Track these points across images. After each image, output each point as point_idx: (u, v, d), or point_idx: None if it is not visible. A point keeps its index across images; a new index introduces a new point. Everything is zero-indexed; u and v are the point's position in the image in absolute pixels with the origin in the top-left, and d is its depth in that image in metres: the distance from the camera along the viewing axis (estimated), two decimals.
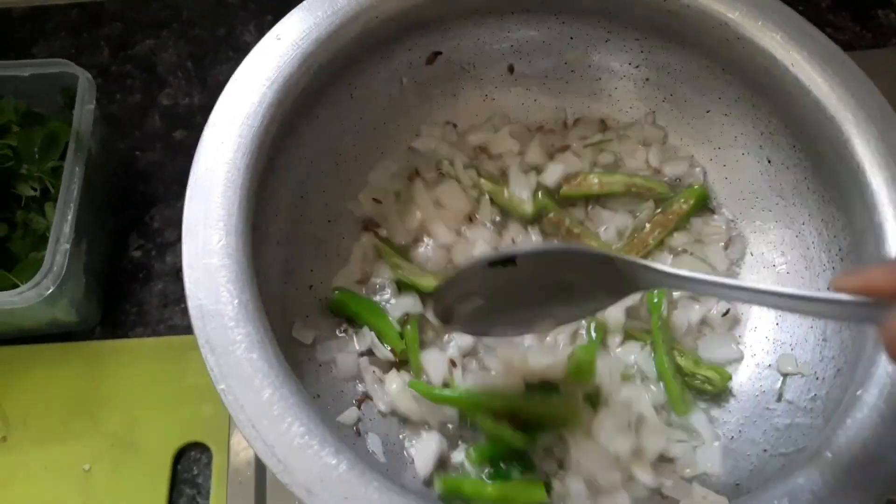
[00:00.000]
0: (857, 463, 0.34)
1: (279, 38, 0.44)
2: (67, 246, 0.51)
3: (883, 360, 0.36)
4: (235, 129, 0.41)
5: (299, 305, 0.48)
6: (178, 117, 0.71)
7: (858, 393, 0.36)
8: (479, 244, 0.52)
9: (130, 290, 0.62)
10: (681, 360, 0.48)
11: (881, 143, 0.42)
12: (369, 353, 0.50)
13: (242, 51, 0.73)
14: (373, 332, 0.49)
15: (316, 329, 0.49)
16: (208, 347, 0.35)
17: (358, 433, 0.45)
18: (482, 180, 0.54)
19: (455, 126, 0.56)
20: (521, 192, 0.53)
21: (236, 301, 0.36)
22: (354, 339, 0.50)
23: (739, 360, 0.49)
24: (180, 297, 0.61)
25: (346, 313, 0.50)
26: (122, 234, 0.64)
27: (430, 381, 0.48)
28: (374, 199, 0.54)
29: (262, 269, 0.42)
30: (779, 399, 0.45)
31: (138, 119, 0.71)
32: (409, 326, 0.49)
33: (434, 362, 0.48)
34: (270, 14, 0.75)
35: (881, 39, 0.76)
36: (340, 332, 0.50)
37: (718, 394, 0.48)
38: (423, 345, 0.49)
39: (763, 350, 0.49)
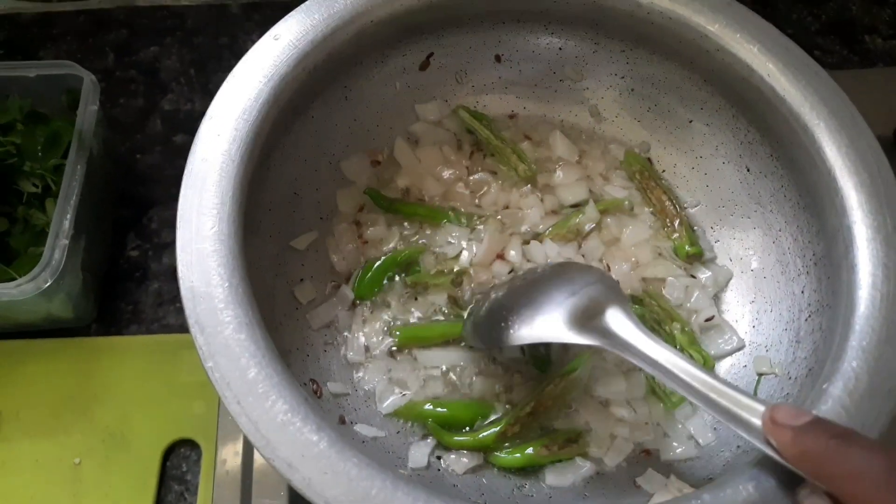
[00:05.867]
0: None
1: (277, 38, 0.45)
2: (66, 241, 0.52)
3: (849, 356, 0.37)
4: (232, 122, 0.42)
5: (288, 300, 0.49)
6: (178, 122, 0.73)
7: (825, 386, 0.37)
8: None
9: (126, 288, 0.63)
10: (678, 335, 0.50)
11: (851, 149, 0.43)
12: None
13: None
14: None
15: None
16: (198, 327, 0.36)
17: (342, 421, 0.46)
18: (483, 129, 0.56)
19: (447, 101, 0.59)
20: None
21: (226, 284, 0.37)
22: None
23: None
24: (175, 297, 0.62)
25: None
26: (120, 233, 0.65)
27: None
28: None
29: (255, 261, 0.43)
30: None
31: (140, 123, 0.72)
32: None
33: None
34: (272, 25, 0.78)
35: (868, 63, 0.78)
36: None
37: None
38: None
39: (741, 351, 0.50)
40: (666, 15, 0.49)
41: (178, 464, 0.55)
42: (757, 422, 0.34)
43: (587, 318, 0.40)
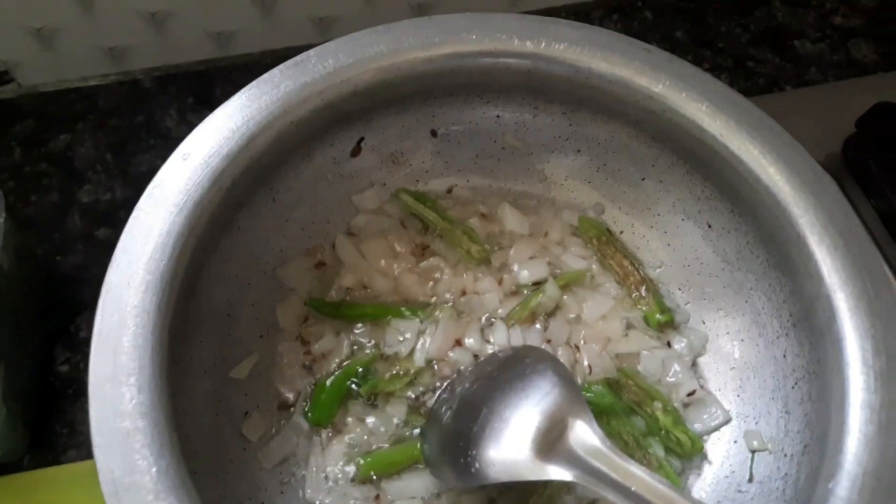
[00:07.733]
0: None
1: (186, 158, 0.40)
2: None
3: (850, 449, 0.34)
4: (142, 266, 0.37)
5: (235, 440, 0.45)
6: (99, 214, 0.67)
7: (830, 486, 0.34)
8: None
9: (59, 408, 0.58)
10: (661, 416, 0.47)
11: (819, 210, 0.41)
12: None
13: (163, 137, 0.70)
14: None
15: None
16: None
17: None
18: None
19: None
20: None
21: (154, 469, 0.32)
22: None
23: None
24: None
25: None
26: (47, 347, 0.60)
27: None
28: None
29: (188, 408, 0.39)
30: (750, 479, 0.43)
31: (57, 220, 0.67)
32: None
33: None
34: (191, 96, 0.73)
35: (802, 69, 0.78)
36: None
37: (689, 459, 0.47)
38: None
39: (728, 425, 0.47)
40: (606, 78, 0.46)
41: None
42: None
43: (552, 441, 0.36)
